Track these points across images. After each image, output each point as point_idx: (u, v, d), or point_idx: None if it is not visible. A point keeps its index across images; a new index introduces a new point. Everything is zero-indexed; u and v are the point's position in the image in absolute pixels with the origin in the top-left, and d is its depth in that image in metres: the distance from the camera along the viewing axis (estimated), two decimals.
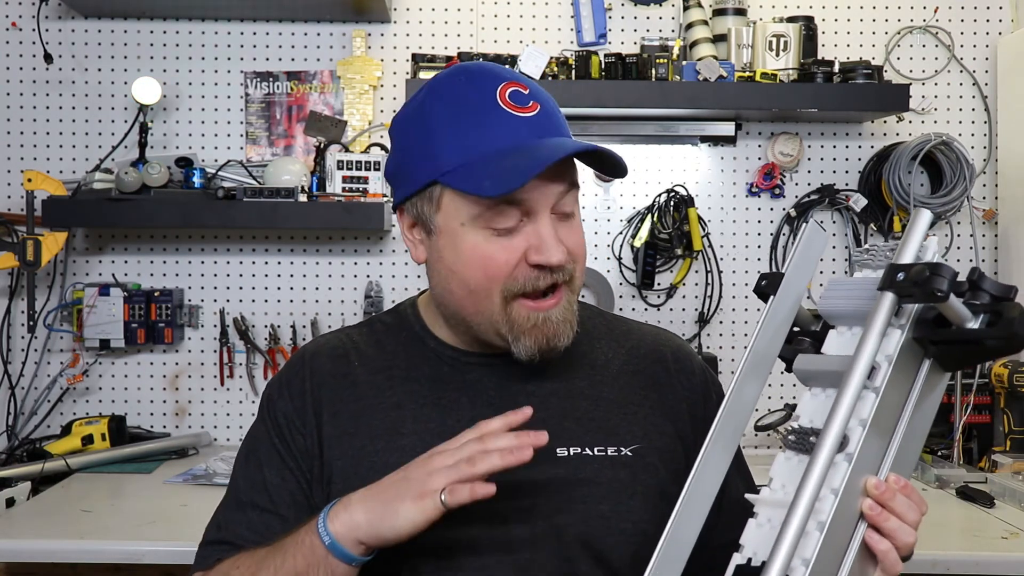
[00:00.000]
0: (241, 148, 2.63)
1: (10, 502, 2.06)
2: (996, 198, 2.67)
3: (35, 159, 2.62)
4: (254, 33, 2.64)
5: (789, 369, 1.00)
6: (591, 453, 1.15)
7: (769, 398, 2.60)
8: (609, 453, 1.16)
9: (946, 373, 0.95)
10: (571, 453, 1.15)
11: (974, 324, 0.87)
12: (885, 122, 2.68)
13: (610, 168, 1.13)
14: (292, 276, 2.64)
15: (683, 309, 2.68)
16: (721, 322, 2.68)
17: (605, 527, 1.12)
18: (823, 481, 0.83)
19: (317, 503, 1.16)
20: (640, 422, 1.19)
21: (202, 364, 2.63)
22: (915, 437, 0.93)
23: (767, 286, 1.00)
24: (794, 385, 2.59)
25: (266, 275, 2.64)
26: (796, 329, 1.01)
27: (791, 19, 2.56)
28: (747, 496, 0.93)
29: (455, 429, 1.13)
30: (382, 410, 1.18)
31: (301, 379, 1.21)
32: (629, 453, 1.16)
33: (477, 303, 1.13)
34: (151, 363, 2.63)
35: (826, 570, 0.85)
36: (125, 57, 2.63)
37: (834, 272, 2.66)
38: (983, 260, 2.65)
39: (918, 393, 0.92)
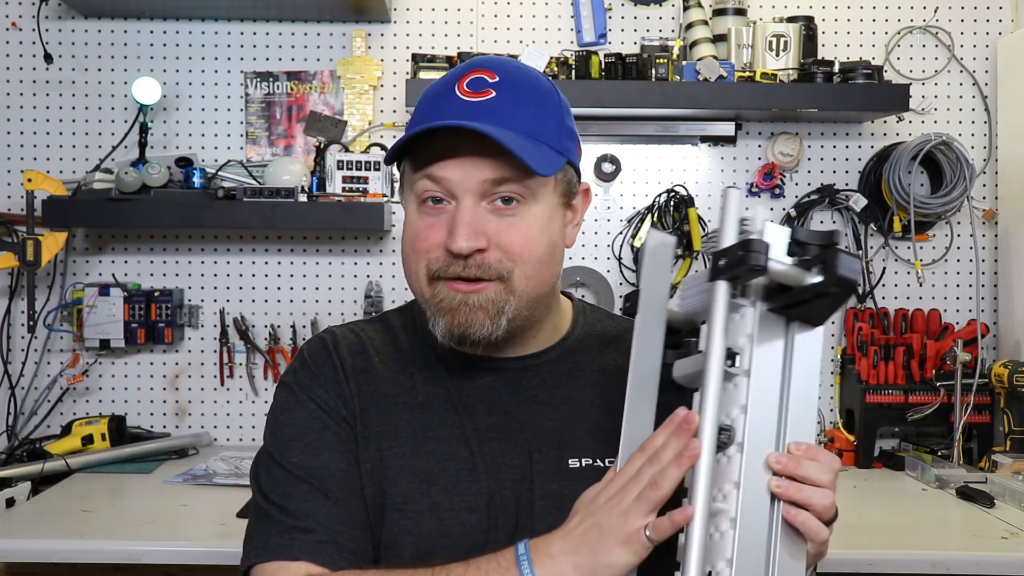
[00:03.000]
0: (241, 148, 2.63)
1: (10, 502, 2.06)
2: (996, 198, 2.67)
3: (35, 159, 2.62)
4: (254, 33, 2.64)
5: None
6: (603, 464, 1.13)
7: None
8: None
9: (818, 327, 0.95)
10: (583, 465, 1.13)
11: (813, 278, 0.88)
12: (885, 122, 2.68)
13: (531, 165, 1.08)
14: (292, 276, 2.64)
15: None
16: None
17: None
18: (710, 484, 0.85)
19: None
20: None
21: (202, 364, 2.63)
22: (806, 398, 0.94)
23: (630, 307, 1.01)
24: None
25: (266, 275, 2.64)
26: (678, 332, 1.02)
27: (791, 19, 2.56)
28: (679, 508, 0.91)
29: (477, 435, 1.13)
30: (408, 409, 1.15)
31: (332, 367, 1.16)
32: None
33: (411, 280, 1.14)
34: (151, 363, 2.63)
35: (755, 560, 0.87)
36: (125, 57, 2.63)
37: None
38: (983, 260, 2.65)
39: (794, 355, 0.93)
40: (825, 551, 1.00)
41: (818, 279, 0.88)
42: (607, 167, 2.65)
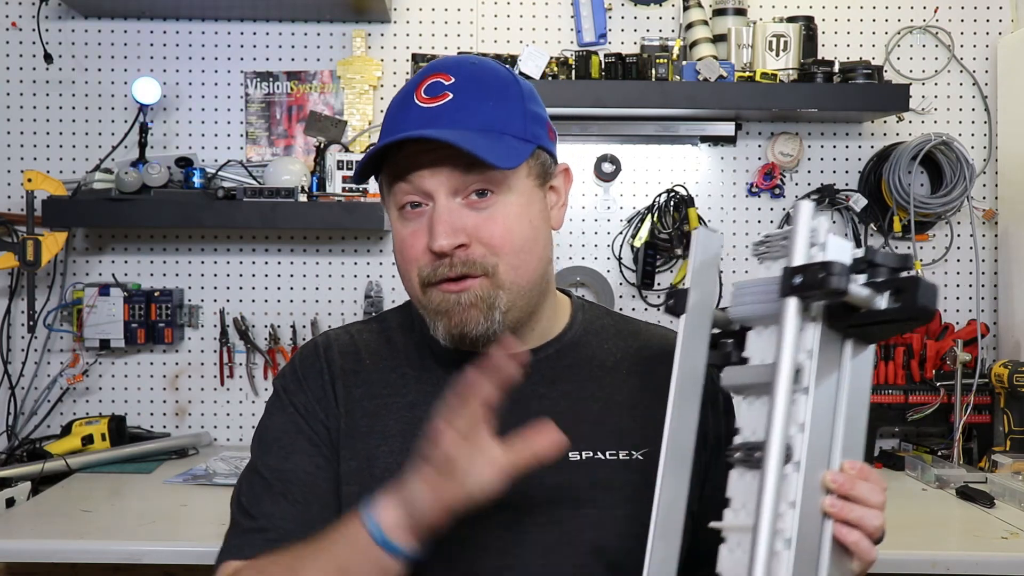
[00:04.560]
0: (241, 148, 2.63)
1: (10, 502, 2.06)
2: (996, 198, 2.67)
3: (35, 159, 2.62)
4: (254, 33, 2.64)
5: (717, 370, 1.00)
6: (603, 457, 1.14)
7: None
8: (621, 457, 1.15)
9: (871, 345, 0.95)
10: (583, 457, 1.14)
11: (881, 302, 0.88)
12: (885, 122, 2.68)
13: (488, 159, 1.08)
14: (292, 276, 2.64)
15: None
16: None
17: (618, 532, 1.11)
18: (777, 504, 0.83)
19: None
20: (651, 424, 1.15)
21: (202, 364, 2.63)
22: (858, 416, 0.93)
23: (675, 305, 1.00)
24: None
25: (266, 275, 2.64)
26: (717, 331, 1.01)
27: (791, 19, 2.56)
28: (712, 524, 0.92)
29: None
30: (396, 409, 1.16)
31: (318, 371, 1.20)
32: (640, 457, 1.15)
33: (407, 287, 1.15)
34: (151, 363, 2.63)
35: None
36: (125, 57, 2.63)
37: None
38: (983, 260, 2.65)
39: (848, 374, 0.92)
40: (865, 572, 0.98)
41: (894, 304, 0.87)
42: (607, 167, 2.65)
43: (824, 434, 0.90)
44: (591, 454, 1.14)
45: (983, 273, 2.65)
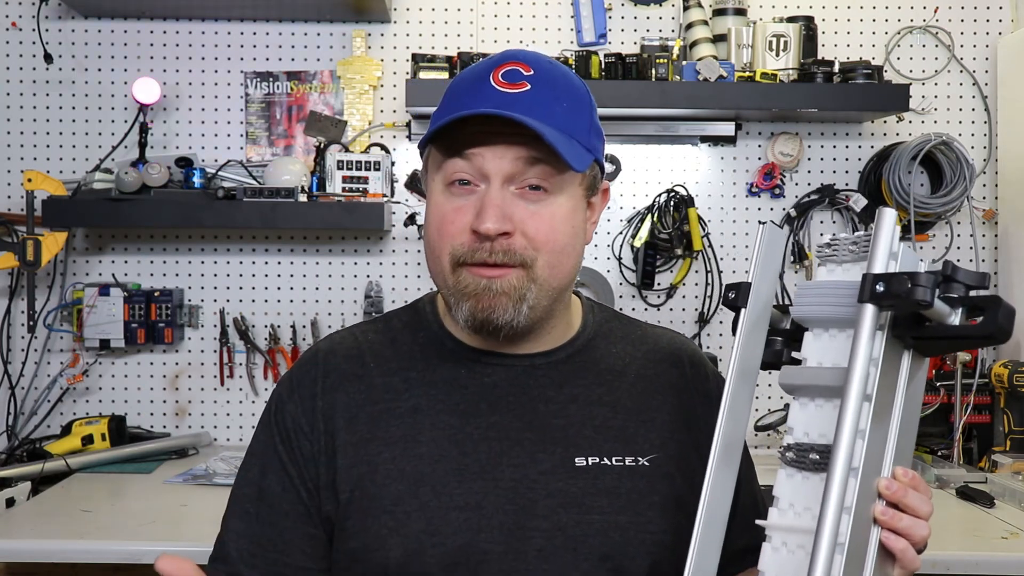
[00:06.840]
0: (241, 148, 2.63)
1: (10, 502, 2.07)
2: (996, 198, 2.67)
3: (35, 159, 2.62)
4: (254, 33, 2.64)
5: (765, 367, 1.00)
6: (609, 463, 1.13)
7: (769, 398, 2.60)
8: (627, 463, 1.14)
9: (927, 358, 0.95)
10: (590, 463, 1.13)
11: (954, 318, 0.87)
12: (885, 122, 2.68)
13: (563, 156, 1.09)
14: (292, 276, 2.64)
15: (683, 309, 2.68)
16: (721, 322, 2.67)
17: (624, 538, 1.11)
18: (841, 512, 0.83)
19: (327, 510, 1.13)
20: (657, 430, 1.17)
21: (202, 364, 2.63)
22: (909, 425, 0.93)
23: (736, 298, 0.99)
24: None
25: (266, 275, 2.64)
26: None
27: (791, 19, 2.56)
28: (758, 522, 0.93)
29: (473, 435, 1.13)
30: (398, 415, 1.14)
31: (312, 380, 1.18)
32: (647, 463, 1.14)
33: (434, 265, 1.13)
34: (151, 363, 2.63)
35: None
36: (125, 57, 2.63)
37: None
38: (983, 260, 2.65)
39: (904, 385, 0.92)
40: None
41: (970, 322, 0.86)
42: (607, 167, 2.64)
43: (880, 441, 0.90)
44: (597, 460, 1.13)
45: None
